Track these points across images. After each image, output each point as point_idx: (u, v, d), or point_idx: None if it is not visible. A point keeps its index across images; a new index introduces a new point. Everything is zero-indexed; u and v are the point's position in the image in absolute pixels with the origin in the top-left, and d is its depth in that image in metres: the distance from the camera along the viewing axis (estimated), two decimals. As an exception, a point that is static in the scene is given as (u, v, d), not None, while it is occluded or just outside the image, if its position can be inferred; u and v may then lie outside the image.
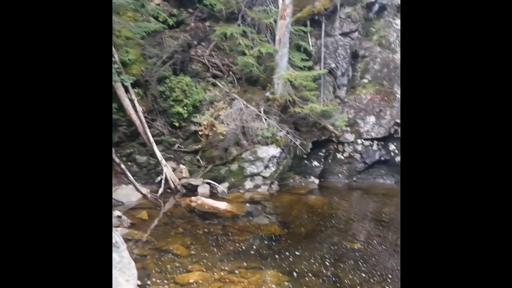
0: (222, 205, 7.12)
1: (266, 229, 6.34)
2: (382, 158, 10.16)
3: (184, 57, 9.06)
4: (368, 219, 7.34)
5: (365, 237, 6.31)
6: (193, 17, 9.85)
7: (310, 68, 9.86)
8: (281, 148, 8.80)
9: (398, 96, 10.26)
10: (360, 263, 5.12)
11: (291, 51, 9.57)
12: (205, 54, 9.54)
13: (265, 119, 8.90)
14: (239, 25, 9.39)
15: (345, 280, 4.59)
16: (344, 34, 10.43)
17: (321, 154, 9.97)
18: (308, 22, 10.33)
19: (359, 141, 10.13)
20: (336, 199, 8.63)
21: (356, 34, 10.54)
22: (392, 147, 10.23)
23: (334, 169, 10.19)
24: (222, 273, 4.55)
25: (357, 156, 10.14)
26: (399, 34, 10.65)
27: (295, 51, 9.86)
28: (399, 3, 11.02)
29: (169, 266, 4.69)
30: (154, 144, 7.94)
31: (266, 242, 5.75)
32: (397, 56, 10.51)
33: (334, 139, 10.05)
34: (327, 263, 5.05)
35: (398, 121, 10.02)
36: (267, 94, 9.29)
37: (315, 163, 9.88)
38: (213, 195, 7.87)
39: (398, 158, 10.19)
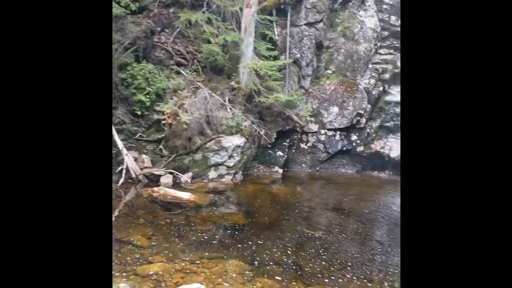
0: (185, 195, 7.05)
1: (229, 219, 6.34)
2: (344, 148, 10.37)
3: (147, 43, 8.82)
4: (330, 208, 7.49)
5: (326, 225, 6.44)
6: (157, 3, 9.59)
7: (275, 58, 9.86)
8: (245, 137, 8.79)
9: (361, 87, 10.47)
10: (321, 251, 5.22)
11: (256, 40, 9.53)
12: (169, 41, 9.34)
13: (230, 108, 8.85)
14: (204, 12, 9.24)
15: (306, 268, 4.67)
16: (309, 24, 10.49)
17: (285, 144, 10.05)
18: (274, 11, 10.31)
19: (322, 131, 10.28)
20: (299, 189, 8.75)
21: (321, 24, 10.62)
22: (354, 137, 10.45)
23: (297, 159, 10.31)
24: (183, 264, 4.52)
25: (320, 146, 10.29)
26: (363, 26, 10.82)
27: (261, 40, 9.83)
28: (363, -5, 11.19)
29: (129, 257, 4.60)
30: (115, 133, 7.73)
31: (229, 231, 5.75)
32: (361, 48, 10.69)
33: (298, 129, 10.15)
34: (288, 252, 5.12)
35: (361, 111, 10.24)
36: (232, 83, 9.23)
37: (279, 153, 9.96)
38: (176, 185, 7.77)
39: (359, 148, 10.44)
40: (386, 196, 8.61)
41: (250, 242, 5.32)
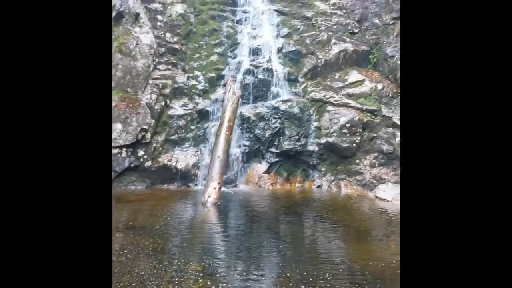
0: None
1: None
2: (132, 165, 10.24)
3: None
4: (121, 229, 7.26)
5: (118, 248, 6.22)
6: None
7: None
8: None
9: (143, 102, 10.54)
10: (109, 277, 5.02)
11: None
12: None
13: None
14: None
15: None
16: (81, 40, 9.97)
17: (66, 167, 9.26)
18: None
19: (107, 149, 9.90)
20: (86, 214, 8.19)
21: (94, 40, 10.22)
22: (141, 152, 10.43)
23: (82, 181, 9.64)
24: None
25: (107, 165, 9.89)
26: (139, 42, 10.92)
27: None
28: (137, 11, 11.29)
29: None
30: None
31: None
32: (139, 64, 10.76)
33: (80, 150, 9.50)
34: (72, 286, 4.74)
35: (145, 127, 10.30)
36: None
37: (60, 177, 9.11)
38: None
39: (147, 163, 10.47)
40: (175, 208, 8.89)
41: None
